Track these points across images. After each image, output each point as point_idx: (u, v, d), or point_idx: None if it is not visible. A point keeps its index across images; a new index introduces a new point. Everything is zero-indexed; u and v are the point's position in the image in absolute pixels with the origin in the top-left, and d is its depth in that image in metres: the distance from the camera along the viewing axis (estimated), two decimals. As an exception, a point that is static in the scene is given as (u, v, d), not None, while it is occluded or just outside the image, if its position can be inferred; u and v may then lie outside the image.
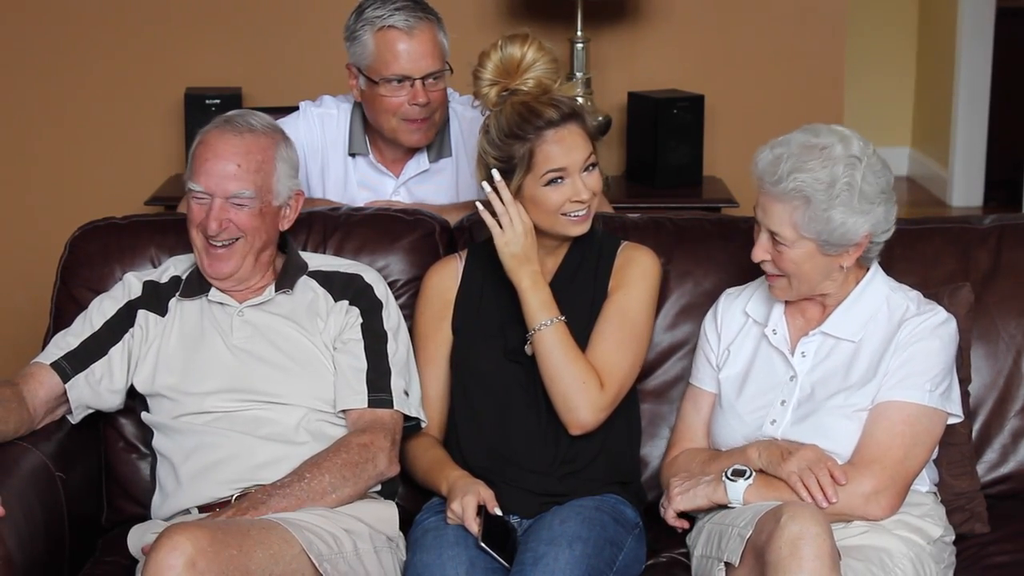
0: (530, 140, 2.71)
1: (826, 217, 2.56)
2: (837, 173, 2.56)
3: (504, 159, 2.74)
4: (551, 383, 2.73)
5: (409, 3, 3.25)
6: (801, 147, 2.59)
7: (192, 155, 2.79)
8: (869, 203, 2.59)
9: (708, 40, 4.55)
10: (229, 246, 2.77)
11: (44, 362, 2.80)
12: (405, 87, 3.22)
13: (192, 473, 2.72)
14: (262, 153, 2.78)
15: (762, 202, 2.63)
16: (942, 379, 2.64)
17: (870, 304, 2.70)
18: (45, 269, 3.30)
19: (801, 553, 2.32)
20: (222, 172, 2.74)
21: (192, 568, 2.32)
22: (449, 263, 2.94)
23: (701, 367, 2.85)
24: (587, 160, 2.74)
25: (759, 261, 2.67)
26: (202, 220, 2.76)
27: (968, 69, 6.96)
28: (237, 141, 2.76)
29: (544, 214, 2.75)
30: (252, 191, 2.76)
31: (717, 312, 2.85)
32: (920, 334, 2.64)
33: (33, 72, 4.53)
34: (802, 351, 2.71)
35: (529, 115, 2.71)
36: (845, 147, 2.59)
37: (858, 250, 2.64)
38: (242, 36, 4.52)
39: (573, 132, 2.73)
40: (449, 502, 2.66)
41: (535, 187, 2.73)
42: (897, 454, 2.58)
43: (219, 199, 2.74)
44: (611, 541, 2.65)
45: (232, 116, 2.81)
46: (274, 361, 2.78)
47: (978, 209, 6.98)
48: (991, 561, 2.74)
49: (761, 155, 2.62)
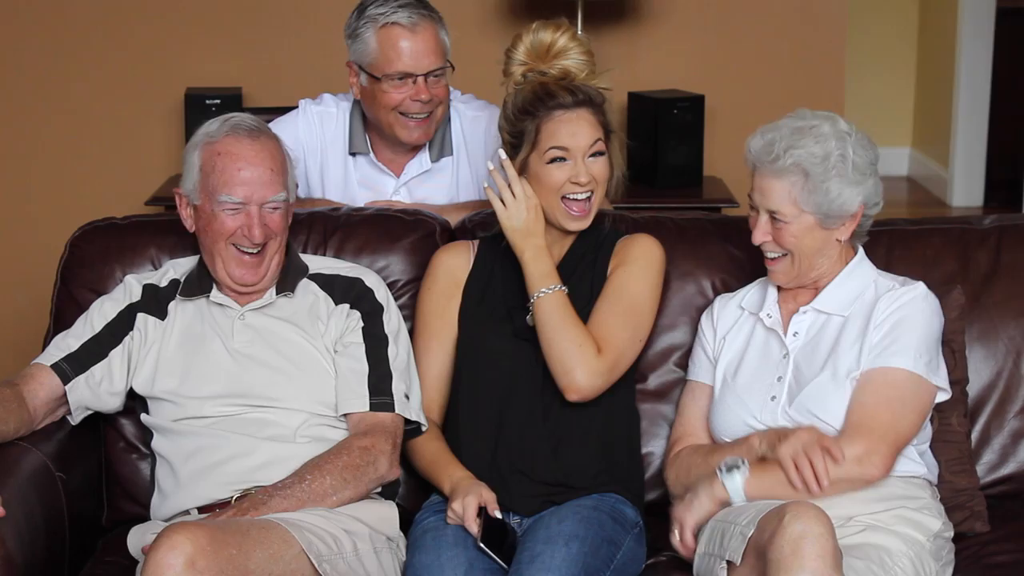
0: (539, 117, 2.78)
1: (824, 189, 2.67)
2: (830, 147, 2.68)
3: (515, 134, 2.82)
4: (548, 347, 2.75)
5: (411, 1, 3.26)
6: (792, 129, 2.71)
7: (210, 168, 2.74)
8: (861, 174, 2.70)
9: (708, 40, 4.56)
10: (260, 252, 2.77)
11: (44, 363, 2.80)
12: (407, 84, 3.23)
13: (191, 474, 2.72)
14: (280, 153, 2.80)
15: (759, 185, 2.72)
16: (926, 349, 2.68)
17: (858, 283, 2.76)
18: (45, 269, 3.30)
19: (803, 552, 2.32)
20: (259, 179, 2.73)
21: (191, 567, 2.32)
22: (461, 247, 2.97)
23: (698, 361, 2.89)
24: (592, 146, 2.79)
25: (760, 243, 2.74)
26: (237, 230, 2.74)
27: (968, 69, 6.96)
28: (258, 146, 2.75)
29: (546, 193, 2.80)
30: (285, 193, 2.77)
31: (713, 310, 2.91)
32: (903, 305, 2.70)
33: (33, 72, 4.53)
34: (794, 330, 2.76)
35: (543, 94, 2.79)
36: (832, 125, 2.72)
37: (854, 222, 2.73)
38: (242, 36, 4.52)
39: (582, 117, 2.79)
40: (450, 502, 2.66)
41: (539, 164, 2.79)
42: (885, 417, 2.62)
43: (255, 206, 2.74)
44: (609, 540, 2.65)
45: (234, 123, 2.78)
46: (275, 365, 2.78)
47: (978, 209, 6.98)
48: (991, 560, 2.74)
49: (753, 141, 2.73)
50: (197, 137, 2.80)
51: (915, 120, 7.75)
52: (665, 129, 4.25)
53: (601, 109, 2.82)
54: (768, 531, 2.39)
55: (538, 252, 2.79)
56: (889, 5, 7.56)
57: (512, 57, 2.86)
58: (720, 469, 2.62)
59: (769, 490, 2.58)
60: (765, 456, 2.63)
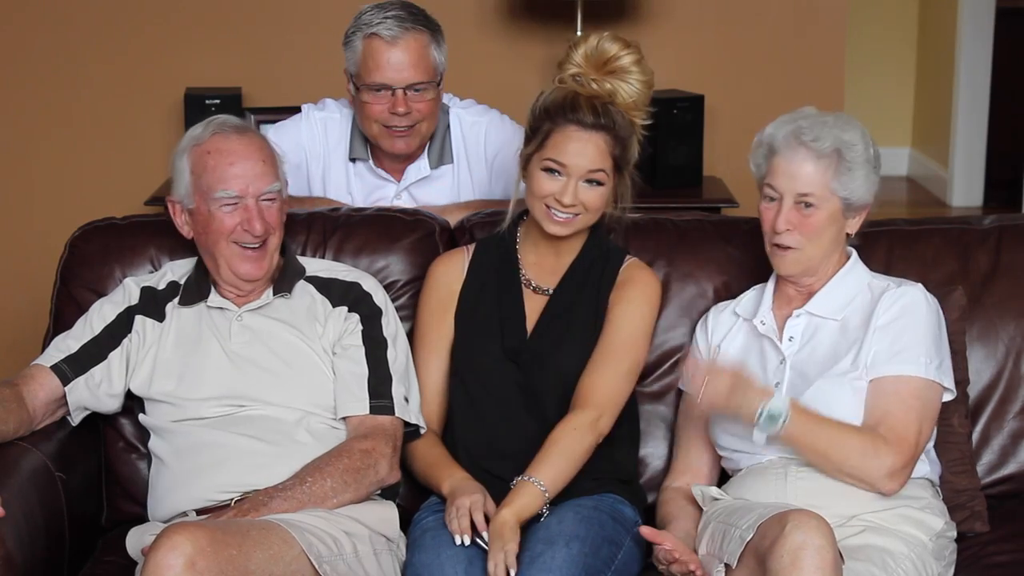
0: (555, 124, 2.73)
1: (852, 175, 2.69)
2: (857, 136, 2.71)
3: (532, 128, 2.77)
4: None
5: (403, 12, 3.23)
6: (815, 119, 2.71)
7: (202, 168, 2.75)
8: (875, 168, 2.74)
9: (708, 40, 4.56)
10: (261, 247, 2.77)
11: (44, 364, 2.79)
12: (386, 96, 3.21)
13: (188, 476, 2.71)
14: (269, 147, 2.81)
15: (787, 169, 2.69)
16: (936, 352, 2.68)
17: (852, 286, 2.76)
18: (45, 269, 3.30)
19: (802, 564, 2.32)
20: (252, 171, 2.74)
21: (191, 568, 2.32)
22: (456, 256, 2.95)
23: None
24: (592, 172, 2.73)
25: (782, 231, 2.70)
26: (236, 226, 2.74)
27: (968, 69, 6.96)
28: (247, 141, 2.77)
29: (532, 194, 2.77)
30: (279, 184, 2.79)
31: (707, 321, 2.90)
32: (906, 305, 2.70)
33: (33, 72, 4.53)
34: (789, 335, 2.75)
35: (569, 104, 2.73)
36: (847, 119, 2.74)
37: (863, 216, 2.75)
38: (242, 36, 4.52)
39: (594, 141, 2.72)
40: (449, 503, 2.66)
41: (536, 166, 2.75)
42: (915, 429, 2.62)
43: (251, 199, 2.74)
44: (609, 540, 2.65)
45: (218, 123, 2.79)
46: (272, 367, 2.77)
47: (978, 209, 6.98)
48: (991, 560, 2.74)
49: (776, 128, 2.72)
50: (183, 143, 2.81)
51: (915, 120, 7.75)
52: (665, 129, 4.24)
53: (623, 142, 2.75)
54: (769, 538, 2.38)
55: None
56: (889, 5, 7.56)
57: (570, 55, 2.78)
58: (758, 418, 2.58)
59: (803, 436, 2.58)
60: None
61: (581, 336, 2.80)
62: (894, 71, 7.64)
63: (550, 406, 2.78)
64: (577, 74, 2.76)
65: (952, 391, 2.73)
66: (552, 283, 2.86)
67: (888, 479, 2.59)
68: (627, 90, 2.76)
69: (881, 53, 7.56)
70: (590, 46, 2.76)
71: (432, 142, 3.35)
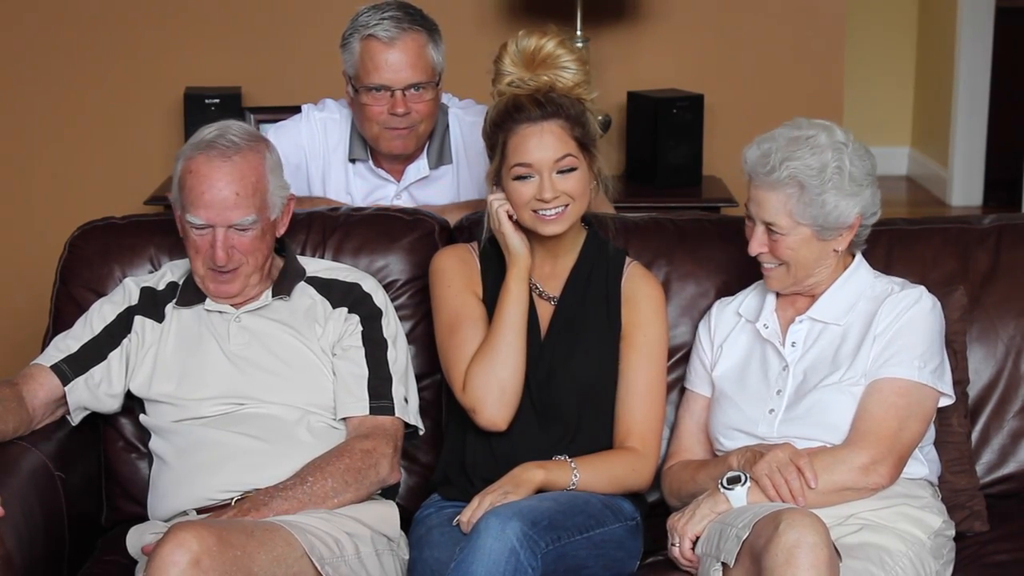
0: (507, 131, 2.71)
1: (820, 201, 2.63)
2: (827, 159, 2.64)
3: (491, 147, 2.76)
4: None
5: (400, 13, 3.22)
6: (788, 139, 2.67)
7: (182, 184, 2.73)
8: (858, 185, 2.67)
9: (708, 40, 4.56)
10: (234, 270, 2.75)
11: (44, 364, 2.79)
12: (385, 97, 3.21)
13: (188, 475, 2.71)
14: (254, 173, 2.73)
15: (755, 196, 2.69)
16: (931, 356, 2.67)
17: (855, 290, 2.75)
18: (45, 269, 3.30)
19: (797, 562, 2.32)
20: (222, 203, 2.69)
21: (196, 566, 2.32)
22: (462, 248, 2.91)
23: (695, 370, 2.88)
24: (560, 161, 2.71)
25: (756, 254, 2.71)
26: (207, 251, 2.72)
27: (968, 69, 6.96)
28: (228, 167, 2.70)
29: (517, 206, 2.75)
30: (254, 215, 2.72)
31: (710, 317, 2.89)
32: (905, 311, 2.69)
33: (33, 72, 4.53)
34: (792, 341, 2.75)
35: (513, 108, 2.71)
36: (829, 135, 2.68)
37: (851, 232, 2.70)
38: (242, 36, 4.52)
39: (549, 130, 2.70)
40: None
41: (508, 179, 2.74)
42: (891, 425, 2.61)
43: (221, 229, 2.71)
44: (589, 514, 2.62)
45: (212, 138, 2.74)
46: (271, 367, 2.77)
47: (978, 209, 6.98)
48: (990, 560, 2.74)
49: (749, 151, 2.69)
50: (183, 148, 2.79)
51: (914, 120, 7.75)
52: (664, 129, 4.25)
53: (578, 121, 2.72)
54: (764, 537, 2.39)
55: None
56: (888, 5, 7.56)
57: (499, 68, 2.76)
58: (721, 484, 2.61)
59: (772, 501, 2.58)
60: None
61: (596, 347, 2.78)
62: (894, 71, 7.64)
63: (568, 415, 2.77)
64: (512, 80, 2.74)
65: (950, 396, 2.72)
66: (554, 289, 2.84)
67: (865, 474, 2.58)
68: (563, 75, 2.73)
69: (881, 53, 7.56)
70: (512, 50, 2.74)
71: (431, 142, 3.35)
